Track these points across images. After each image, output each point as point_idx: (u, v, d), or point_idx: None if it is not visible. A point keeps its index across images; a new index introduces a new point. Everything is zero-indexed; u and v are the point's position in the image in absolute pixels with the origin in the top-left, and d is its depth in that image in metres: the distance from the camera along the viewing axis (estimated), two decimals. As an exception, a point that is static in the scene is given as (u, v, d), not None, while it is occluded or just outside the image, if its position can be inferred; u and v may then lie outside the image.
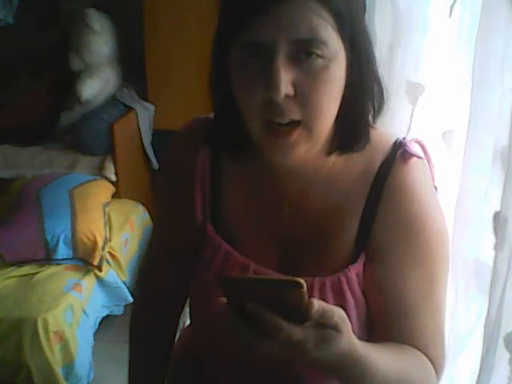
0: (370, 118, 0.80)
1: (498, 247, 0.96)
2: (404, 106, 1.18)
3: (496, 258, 0.97)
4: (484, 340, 1.01)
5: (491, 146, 0.97)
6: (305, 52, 0.69)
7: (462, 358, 1.12)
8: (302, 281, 0.58)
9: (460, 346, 1.11)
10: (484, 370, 1.00)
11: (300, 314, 0.60)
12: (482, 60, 0.95)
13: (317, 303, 0.60)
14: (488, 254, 1.00)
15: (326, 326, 0.62)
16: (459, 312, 1.09)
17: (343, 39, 0.71)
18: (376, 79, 0.78)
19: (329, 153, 0.81)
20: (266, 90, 0.69)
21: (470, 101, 0.99)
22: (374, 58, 0.78)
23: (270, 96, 0.69)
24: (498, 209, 0.96)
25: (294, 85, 0.70)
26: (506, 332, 0.98)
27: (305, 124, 0.72)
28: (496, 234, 0.97)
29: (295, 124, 0.72)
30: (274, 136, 0.73)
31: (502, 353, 0.99)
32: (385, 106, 0.80)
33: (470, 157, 1.02)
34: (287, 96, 0.69)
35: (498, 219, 0.97)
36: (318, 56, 0.69)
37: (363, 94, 0.77)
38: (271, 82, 0.68)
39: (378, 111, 0.80)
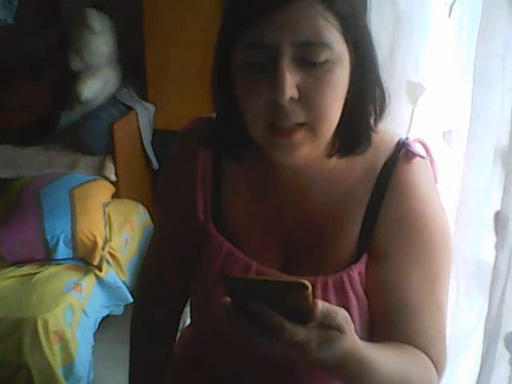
0: (372, 121, 0.80)
1: (498, 247, 0.96)
2: (404, 106, 1.18)
3: (496, 257, 0.97)
4: (484, 340, 1.00)
5: (492, 145, 0.97)
6: (309, 55, 0.69)
7: (463, 358, 1.12)
8: (307, 282, 0.58)
9: (460, 346, 1.11)
10: (484, 369, 1.00)
11: (304, 314, 0.60)
12: (483, 60, 0.95)
13: (321, 304, 0.60)
14: (489, 254, 1.00)
15: (329, 327, 0.62)
16: (460, 312, 1.09)
17: (347, 42, 0.71)
18: (378, 82, 0.78)
19: (329, 155, 0.81)
20: (271, 93, 0.69)
21: (470, 101, 0.99)
22: (377, 61, 0.77)
23: (275, 99, 0.69)
24: (498, 208, 0.96)
25: (299, 88, 0.69)
26: (506, 332, 0.98)
27: (309, 126, 0.72)
28: (497, 233, 0.97)
29: (299, 125, 0.72)
30: (277, 136, 0.72)
31: (502, 353, 0.99)
32: (386, 110, 0.80)
33: (470, 156, 1.02)
34: (292, 99, 0.69)
35: (498, 219, 0.97)
36: (323, 59, 0.69)
37: (365, 98, 0.77)
38: (276, 84, 0.68)
39: (379, 115, 0.80)
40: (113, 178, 2.71)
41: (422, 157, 0.82)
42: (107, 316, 2.36)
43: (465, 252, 1.07)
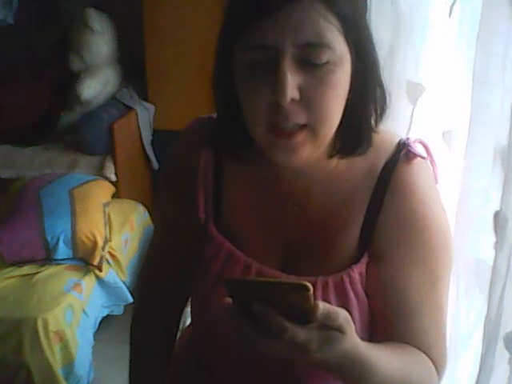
0: (373, 121, 0.80)
1: (498, 246, 0.96)
2: (404, 106, 1.18)
3: (496, 257, 0.97)
4: (484, 340, 1.00)
5: (492, 145, 0.97)
6: (311, 56, 0.69)
7: (463, 358, 1.12)
8: (308, 284, 0.58)
9: (460, 346, 1.11)
10: (484, 369, 1.00)
11: (305, 315, 0.60)
12: (483, 59, 0.95)
13: (322, 305, 0.60)
14: (488, 254, 1.00)
15: (330, 328, 0.62)
16: (460, 311, 1.09)
17: (349, 43, 0.71)
18: (379, 83, 0.78)
19: (330, 156, 0.81)
20: (272, 94, 0.69)
21: (470, 100, 0.99)
22: (378, 62, 0.77)
23: (276, 100, 0.69)
24: (498, 208, 0.97)
25: (300, 89, 0.69)
26: (505, 332, 0.98)
27: (310, 127, 0.72)
28: (496, 233, 0.97)
29: (300, 127, 0.72)
30: (278, 137, 0.72)
31: (501, 353, 0.99)
32: (387, 110, 0.81)
33: (470, 156, 1.02)
34: (293, 100, 0.69)
35: (498, 218, 0.97)
36: (324, 60, 0.69)
37: (366, 98, 0.77)
38: (277, 85, 0.68)
39: (380, 115, 0.80)
40: (113, 178, 2.71)
41: (423, 157, 0.82)
42: (107, 316, 2.36)
43: (465, 252, 1.07)
